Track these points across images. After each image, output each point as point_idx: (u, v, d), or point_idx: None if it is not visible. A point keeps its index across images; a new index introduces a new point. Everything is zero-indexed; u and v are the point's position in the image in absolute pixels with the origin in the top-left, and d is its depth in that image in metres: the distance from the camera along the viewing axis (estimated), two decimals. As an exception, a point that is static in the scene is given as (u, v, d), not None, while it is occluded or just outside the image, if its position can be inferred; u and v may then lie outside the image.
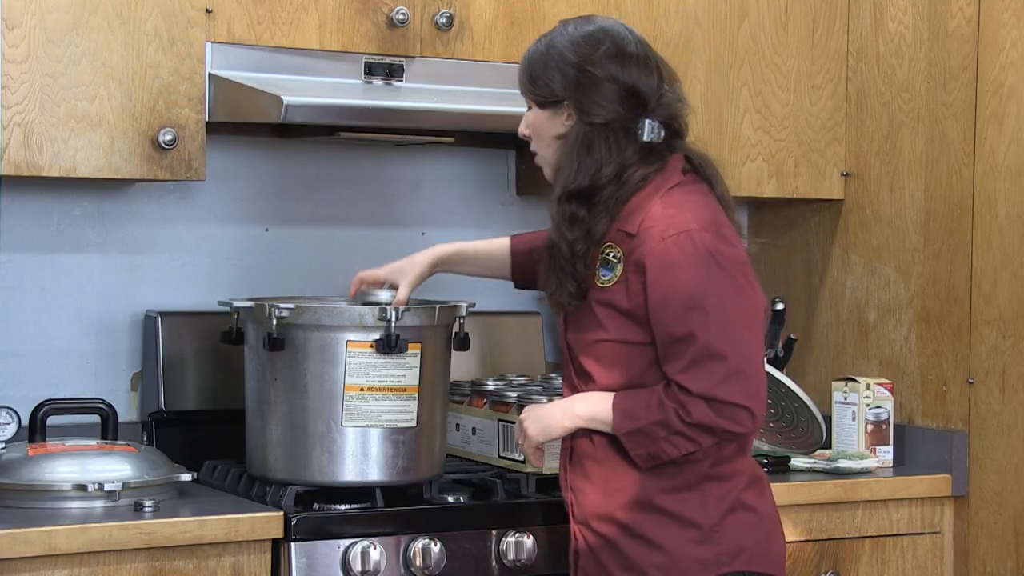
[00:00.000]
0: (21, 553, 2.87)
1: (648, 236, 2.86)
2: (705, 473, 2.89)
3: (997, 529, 3.71)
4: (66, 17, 3.22)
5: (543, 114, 2.98)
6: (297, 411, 3.18)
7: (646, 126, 2.91)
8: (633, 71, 2.91)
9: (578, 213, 2.91)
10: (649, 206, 2.89)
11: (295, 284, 3.76)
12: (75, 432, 3.37)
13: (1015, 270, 3.66)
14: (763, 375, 2.87)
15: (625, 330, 2.90)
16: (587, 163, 2.90)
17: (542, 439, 3.01)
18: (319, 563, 3.09)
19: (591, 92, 2.90)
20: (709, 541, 2.88)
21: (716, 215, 2.92)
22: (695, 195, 2.93)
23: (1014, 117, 3.66)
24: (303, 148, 3.81)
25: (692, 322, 2.81)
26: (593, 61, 2.91)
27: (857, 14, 4.01)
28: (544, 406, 3.05)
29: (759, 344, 2.88)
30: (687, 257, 2.83)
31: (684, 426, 2.82)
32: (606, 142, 2.90)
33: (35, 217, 3.56)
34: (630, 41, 2.94)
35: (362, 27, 3.49)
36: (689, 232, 2.84)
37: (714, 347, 2.80)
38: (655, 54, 2.97)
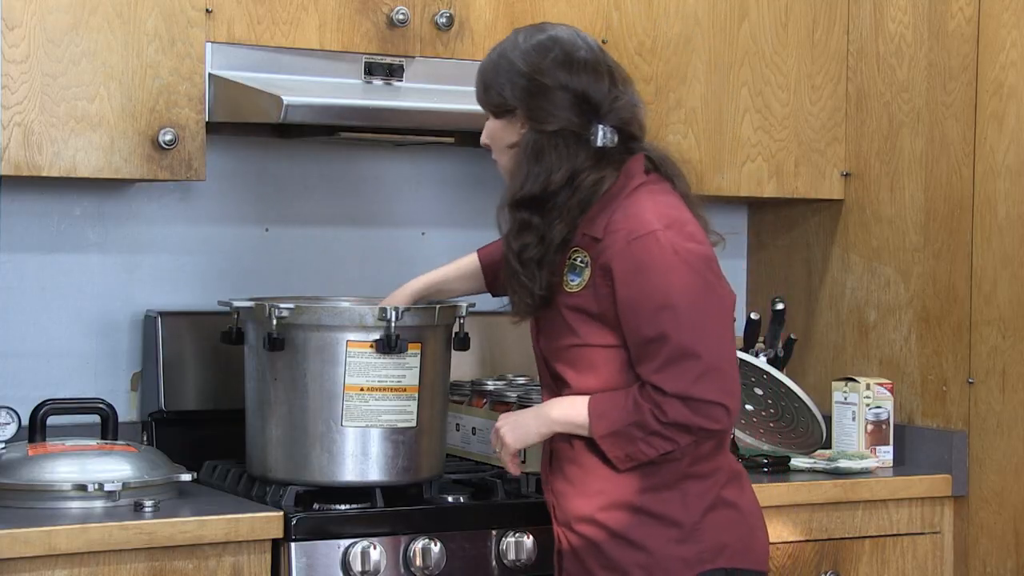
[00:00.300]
0: (21, 553, 2.87)
1: (614, 239, 2.87)
2: (684, 472, 2.90)
3: (997, 529, 3.71)
4: (66, 17, 3.22)
5: (498, 124, 2.99)
6: (297, 411, 3.18)
7: (599, 132, 2.92)
8: (583, 78, 2.91)
9: (530, 220, 2.92)
10: (613, 209, 2.90)
11: (295, 284, 3.76)
12: (75, 432, 3.37)
13: (1015, 270, 3.66)
14: (736, 371, 2.88)
15: (596, 334, 2.91)
16: (536, 170, 2.91)
17: (519, 446, 3.03)
18: (319, 563, 3.09)
19: (541, 100, 2.91)
20: (691, 539, 2.89)
21: (680, 213, 2.92)
22: (659, 195, 2.94)
23: (1014, 117, 3.66)
24: (303, 148, 3.81)
25: (663, 322, 2.82)
26: (542, 70, 2.91)
27: (857, 14, 4.01)
28: (520, 413, 3.05)
29: (731, 340, 2.89)
30: (653, 258, 2.84)
31: (660, 426, 2.83)
32: (556, 149, 2.91)
33: (35, 217, 3.56)
34: (580, 47, 2.94)
35: (362, 27, 3.49)
36: (654, 233, 2.85)
37: (687, 346, 2.81)
38: (608, 59, 2.97)
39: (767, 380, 3.72)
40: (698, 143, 3.87)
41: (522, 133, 2.94)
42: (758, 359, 3.77)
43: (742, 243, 4.35)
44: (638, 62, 3.79)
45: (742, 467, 3.03)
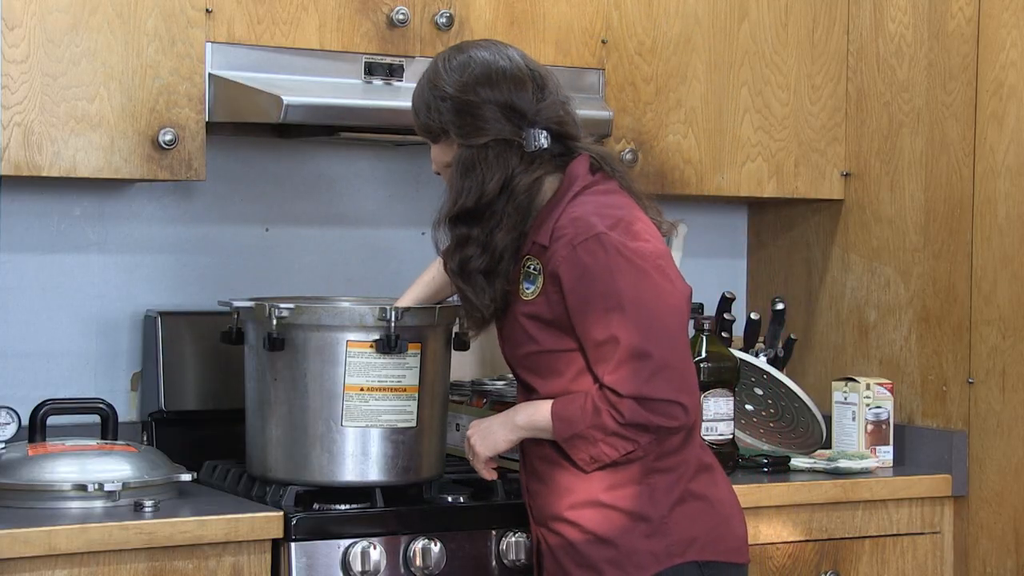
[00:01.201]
0: (21, 553, 2.87)
1: (559, 245, 2.89)
2: (651, 466, 2.91)
3: (997, 529, 3.71)
4: (66, 17, 3.22)
5: (437, 148, 3.03)
6: (297, 411, 3.18)
7: (530, 135, 2.94)
8: (504, 88, 2.94)
9: (468, 233, 2.95)
10: (557, 214, 2.92)
11: (295, 284, 3.76)
12: (75, 432, 3.37)
13: (1015, 270, 3.66)
14: (690, 366, 2.89)
15: (554, 340, 2.92)
16: (468, 184, 2.94)
17: (489, 454, 3.06)
18: (319, 563, 3.09)
19: (467, 117, 2.94)
20: (659, 533, 2.90)
21: (626, 212, 2.93)
22: (603, 195, 2.95)
23: (1014, 117, 3.66)
24: (303, 148, 3.81)
25: (612, 324, 2.83)
26: (464, 87, 2.94)
27: (857, 14, 4.01)
28: (488, 420, 3.08)
29: (682, 337, 2.90)
30: (598, 261, 2.85)
31: (620, 427, 2.84)
32: (486, 160, 2.93)
33: (35, 217, 3.56)
34: (499, 60, 2.96)
35: (362, 27, 3.49)
36: (597, 236, 2.86)
37: (637, 346, 2.82)
38: (529, 66, 2.98)
39: (767, 380, 3.72)
40: (698, 143, 3.87)
41: (455, 151, 2.97)
42: (758, 359, 3.77)
43: (742, 243, 4.35)
44: (638, 62, 3.79)
45: (714, 459, 3.04)
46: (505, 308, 2.98)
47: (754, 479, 3.61)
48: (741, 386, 3.77)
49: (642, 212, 2.98)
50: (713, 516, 2.97)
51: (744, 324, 3.93)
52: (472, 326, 3.04)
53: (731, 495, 3.04)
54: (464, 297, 2.99)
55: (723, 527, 2.98)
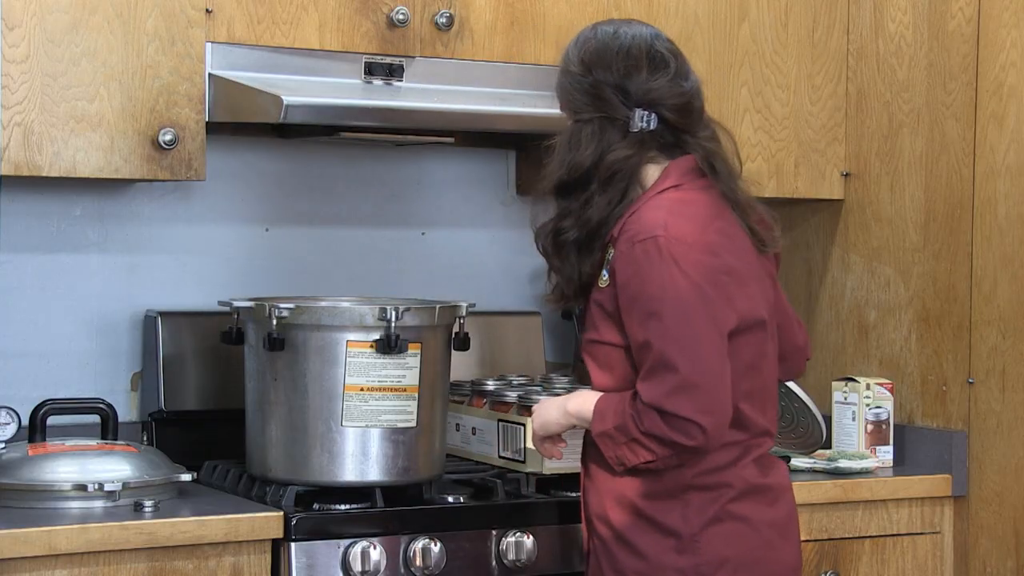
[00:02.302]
0: (21, 553, 2.87)
1: (622, 240, 2.87)
2: (689, 482, 2.87)
3: (997, 529, 3.71)
4: (66, 17, 3.22)
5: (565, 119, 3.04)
6: (297, 411, 3.18)
7: (636, 115, 2.92)
8: (616, 69, 2.93)
9: (568, 206, 2.94)
10: (634, 209, 2.90)
11: (295, 284, 3.76)
12: (75, 432, 3.37)
13: (1015, 270, 3.66)
14: (721, 390, 2.80)
15: (611, 332, 2.91)
16: (567, 156, 2.94)
17: (541, 434, 3.05)
18: (319, 563, 3.09)
19: (576, 92, 2.95)
20: (688, 551, 2.86)
21: (707, 221, 2.88)
22: (689, 199, 2.91)
23: (1014, 117, 3.66)
24: (303, 148, 3.81)
25: (650, 330, 2.80)
26: (581, 66, 2.95)
27: (857, 14, 4.01)
28: (546, 401, 3.07)
29: (719, 357, 2.81)
30: (651, 263, 2.81)
31: (639, 434, 2.81)
32: (587, 134, 2.93)
33: (35, 217, 3.56)
34: (622, 36, 2.96)
35: (362, 27, 3.49)
36: (655, 238, 2.82)
37: (667, 357, 2.78)
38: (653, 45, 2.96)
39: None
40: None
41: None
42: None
43: (742, 243, 4.34)
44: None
45: (778, 481, 2.97)
46: (587, 295, 2.96)
47: (754, 479, 3.61)
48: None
49: (732, 222, 2.92)
50: (753, 539, 2.91)
51: (744, 324, 3.93)
52: (553, 299, 3.01)
53: (785, 520, 2.97)
54: (554, 267, 2.97)
55: (764, 551, 2.92)
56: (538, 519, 3.26)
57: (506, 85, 3.63)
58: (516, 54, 3.64)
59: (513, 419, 3.37)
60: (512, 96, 3.60)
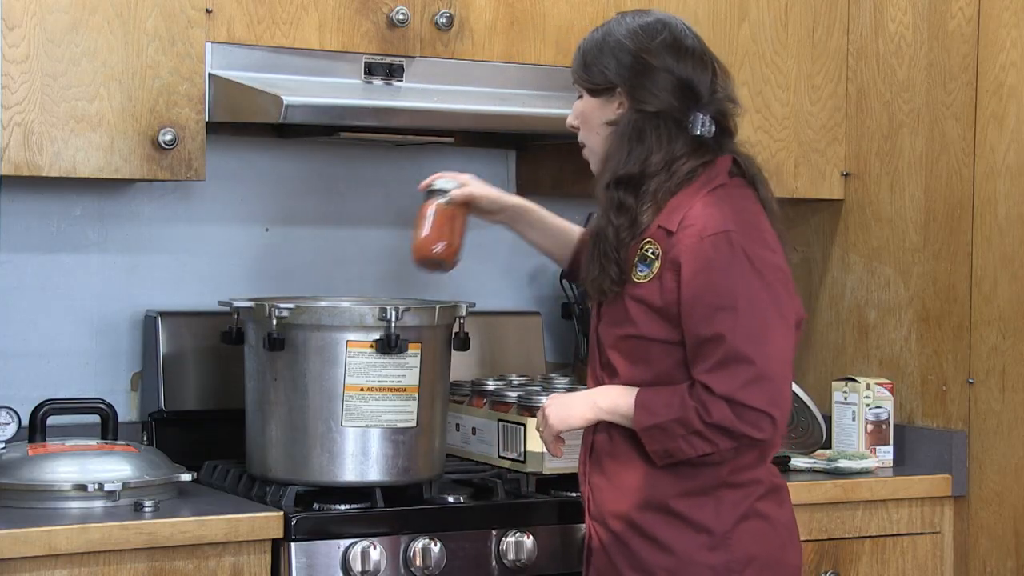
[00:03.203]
0: (21, 553, 2.87)
1: (686, 234, 2.84)
2: (722, 479, 2.87)
3: (997, 529, 3.71)
4: (66, 17, 3.22)
5: (594, 102, 2.98)
6: (297, 411, 3.18)
7: (698, 119, 2.90)
8: (688, 64, 2.91)
9: (626, 200, 2.90)
10: (691, 204, 2.88)
11: (295, 284, 3.76)
12: (75, 432, 3.37)
13: (1015, 270, 3.66)
14: (789, 383, 2.85)
15: (655, 327, 2.88)
16: (638, 150, 2.90)
17: (561, 428, 3.00)
18: (319, 563, 3.09)
19: (645, 80, 2.91)
20: (720, 548, 2.87)
21: (757, 219, 2.90)
22: (739, 198, 2.92)
23: (1014, 117, 3.66)
24: (303, 148, 3.81)
25: (721, 323, 2.79)
26: (650, 50, 2.91)
27: (857, 14, 4.01)
28: (568, 395, 3.04)
29: (788, 352, 2.85)
30: (722, 257, 2.81)
31: (703, 426, 2.80)
32: (656, 131, 2.90)
33: (35, 217, 3.56)
34: (688, 35, 2.95)
35: (362, 27, 3.49)
36: (727, 233, 2.83)
37: (741, 350, 2.78)
38: (711, 52, 2.97)
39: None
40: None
41: (619, 113, 2.94)
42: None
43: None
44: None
45: (784, 481, 3.00)
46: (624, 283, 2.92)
47: (754, 479, 3.61)
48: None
49: (769, 224, 2.94)
50: (774, 538, 2.93)
51: (744, 324, 3.93)
52: (599, 289, 2.94)
53: (794, 521, 3.00)
54: (607, 259, 2.90)
55: (781, 552, 2.94)
56: (538, 519, 3.26)
57: (506, 85, 3.63)
58: (516, 54, 3.64)
59: (513, 419, 3.37)
60: (512, 96, 3.60)
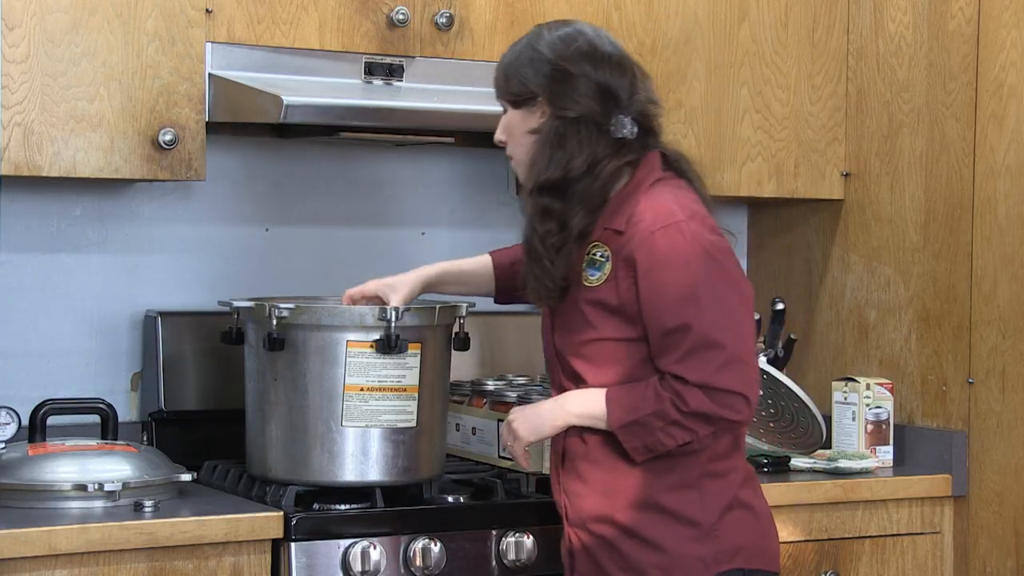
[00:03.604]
0: (21, 553, 2.87)
1: (637, 231, 2.88)
2: (704, 470, 2.90)
3: (997, 529, 3.71)
4: (66, 17, 3.22)
5: (518, 114, 3.00)
6: (297, 411, 3.18)
7: (619, 122, 2.93)
8: (606, 70, 2.94)
9: (551, 206, 2.93)
10: (634, 202, 2.91)
11: (295, 284, 3.76)
12: (75, 432, 3.37)
13: (1015, 270, 3.66)
14: (756, 363, 2.91)
15: (616, 327, 2.91)
16: (559, 156, 2.92)
17: (533, 439, 3.01)
18: (319, 563, 3.09)
19: (565, 87, 2.93)
20: (708, 539, 2.89)
21: (700, 207, 2.94)
22: (678, 189, 2.96)
23: (1014, 117, 3.66)
24: (303, 148, 3.81)
25: (686, 313, 2.83)
26: (567, 58, 2.93)
27: (857, 14, 4.01)
28: (533, 406, 3.04)
29: (752, 332, 2.91)
30: (677, 249, 2.85)
31: (681, 415, 2.83)
32: (578, 135, 2.92)
33: (35, 217, 3.56)
34: (605, 42, 2.97)
35: (362, 27, 3.49)
36: (677, 224, 2.86)
37: (710, 336, 2.82)
38: (629, 56, 3.00)
39: (767, 380, 3.72)
40: (698, 143, 3.87)
41: (542, 121, 2.96)
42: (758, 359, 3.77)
43: (742, 243, 4.34)
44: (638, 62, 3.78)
45: (753, 468, 3.04)
46: (564, 294, 2.95)
47: (754, 479, 3.61)
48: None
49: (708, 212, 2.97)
50: (757, 526, 2.96)
51: (744, 324, 3.93)
52: (540, 298, 2.98)
53: (768, 506, 3.03)
54: (542, 267, 2.93)
55: (764, 539, 2.97)
56: (538, 519, 3.26)
57: (506, 85, 3.62)
58: (516, 54, 3.64)
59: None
60: (512, 96, 3.59)
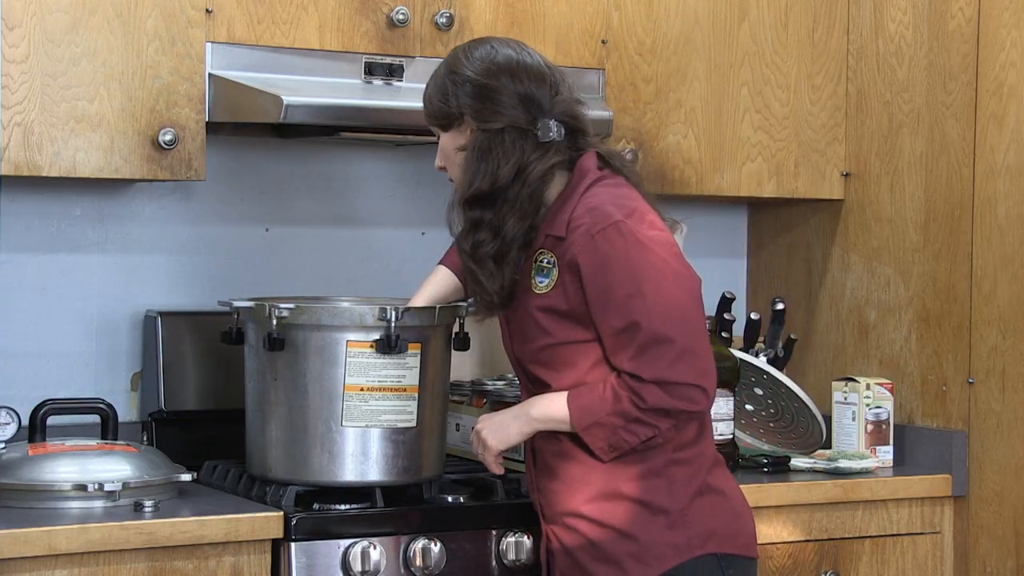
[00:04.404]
0: (21, 553, 2.87)
1: (577, 235, 2.91)
2: (670, 458, 2.93)
3: (997, 529, 3.71)
4: (66, 17, 3.22)
5: (448, 136, 3.04)
6: (297, 411, 3.18)
7: (545, 126, 2.96)
8: (524, 79, 2.97)
9: (481, 217, 2.96)
10: (572, 207, 2.94)
11: (295, 284, 3.76)
12: (75, 432, 3.37)
13: (1015, 270, 3.66)
14: (709, 351, 2.91)
15: (568, 331, 2.94)
16: (484, 167, 2.96)
17: (502, 447, 3.05)
18: (319, 563, 3.09)
19: (486, 101, 2.97)
20: (679, 525, 2.92)
21: (638, 204, 2.96)
22: (615, 188, 2.98)
23: (1014, 117, 3.66)
24: (303, 148, 3.81)
25: (633, 311, 2.85)
26: (486, 72, 2.97)
27: (857, 14, 4.01)
28: (499, 414, 3.07)
29: (701, 322, 2.93)
30: (616, 249, 2.87)
31: (641, 412, 2.86)
32: (502, 145, 2.96)
33: (35, 217, 3.56)
34: (523, 54, 3.01)
35: (362, 27, 3.49)
36: (615, 224, 2.89)
37: (659, 331, 2.85)
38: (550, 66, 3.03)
39: (767, 380, 3.72)
40: (698, 143, 3.87)
41: (469, 137, 2.99)
42: (758, 359, 3.77)
43: (742, 243, 4.35)
44: (638, 62, 3.79)
45: (719, 454, 3.06)
46: (512, 301, 2.99)
47: (754, 479, 3.61)
48: (741, 386, 3.77)
49: (649, 206, 3.00)
50: (729, 510, 2.99)
51: (744, 324, 3.93)
52: (482, 310, 3.05)
53: (740, 490, 3.07)
54: (476, 280, 2.99)
55: (738, 522, 3.00)
56: (538, 519, 3.25)
57: (506, 85, 3.62)
58: (516, 54, 3.64)
59: (513, 419, 3.36)
60: (512, 96, 3.59)
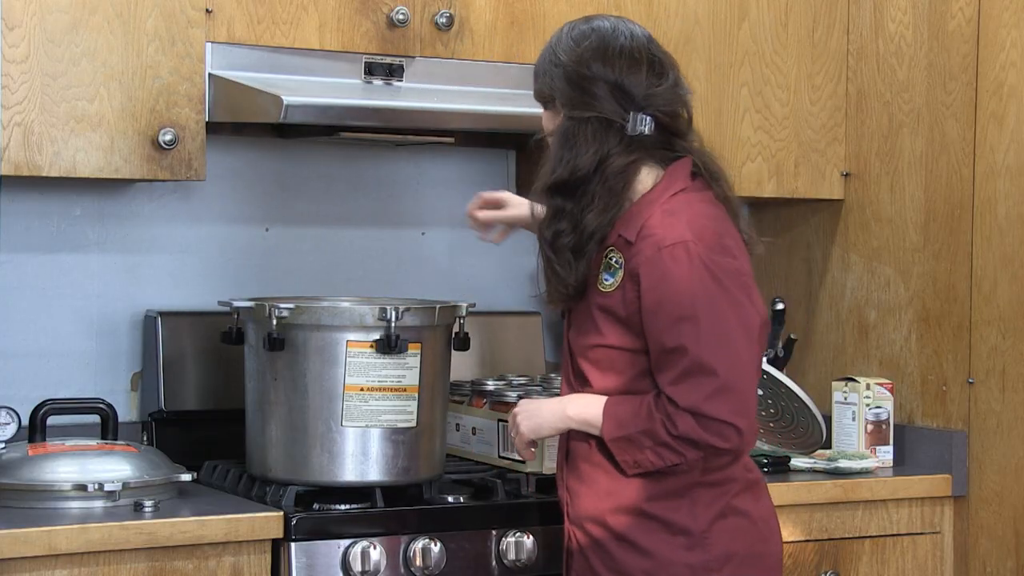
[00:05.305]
0: (21, 553, 2.87)
1: (645, 245, 2.85)
2: (696, 480, 2.88)
3: (997, 529, 3.71)
4: (66, 17, 3.22)
5: (547, 115, 3.01)
6: (297, 411, 3.18)
7: (636, 119, 2.90)
8: (618, 67, 2.91)
9: (563, 206, 2.91)
10: (650, 213, 2.88)
11: (295, 284, 3.76)
12: (75, 432, 3.37)
13: (1015, 270, 3.66)
14: (754, 392, 2.85)
15: (621, 337, 2.89)
16: (566, 156, 2.91)
17: (532, 436, 3.03)
18: (319, 563, 3.09)
19: (575, 89, 2.92)
20: (698, 547, 2.87)
21: (718, 224, 2.90)
22: (698, 203, 2.92)
23: (1014, 117, 3.66)
24: (303, 148, 3.81)
25: (683, 334, 2.80)
26: (577, 58, 2.92)
27: (857, 14, 4.01)
28: (538, 402, 3.04)
29: (752, 360, 2.86)
30: (681, 268, 2.81)
31: (670, 438, 2.81)
32: (585, 135, 2.90)
33: (35, 217, 3.56)
34: (620, 36, 2.94)
35: (362, 27, 3.49)
36: (684, 243, 2.82)
37: (704, 361, 2.79)
38: (651, 49, 2.96)
39: (767, 380, 3.72)
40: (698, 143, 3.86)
41: (559, 121, 2.95)
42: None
43: (742, 243, 4.34)
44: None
45: (760, 475, 3.00)
46: (584, 292, 2.94)
47: (754, 479, 3.61)
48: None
49: (733, 226, 2.95)
50: (753, 533, 2.93)
51: (744, 324, 3.92)
52: (551, 299, 2.98)
53: (772, 513, 3.00)
54: (552, 270, 2.93)
55: (762, 545, 2.95)
56: (538, 519, 3.26)
57: (506, 85, 3.62)
58: (516, 54, 3.64)
59: (513, 419, 3.37)
60: (512, 96, 3.60)
